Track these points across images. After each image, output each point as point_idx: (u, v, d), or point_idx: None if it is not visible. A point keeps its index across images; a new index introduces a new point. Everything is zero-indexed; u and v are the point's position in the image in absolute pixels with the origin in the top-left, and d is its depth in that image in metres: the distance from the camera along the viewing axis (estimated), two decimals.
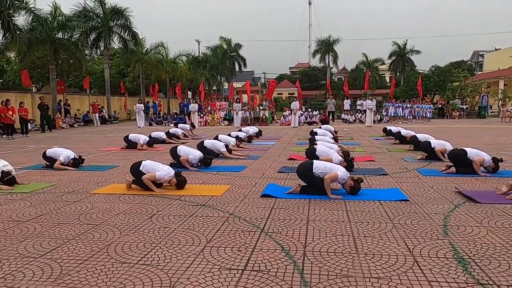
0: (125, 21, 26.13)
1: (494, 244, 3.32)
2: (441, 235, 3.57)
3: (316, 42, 52.10)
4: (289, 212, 4.40)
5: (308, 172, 5.28)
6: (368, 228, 3.80)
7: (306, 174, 5.33)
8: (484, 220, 3.98)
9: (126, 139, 11.20)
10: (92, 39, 26.43)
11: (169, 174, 5.63)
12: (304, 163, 5.66)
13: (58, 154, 7.78)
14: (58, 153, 7.84)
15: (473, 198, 4.83)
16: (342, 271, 2.83)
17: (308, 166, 5.37)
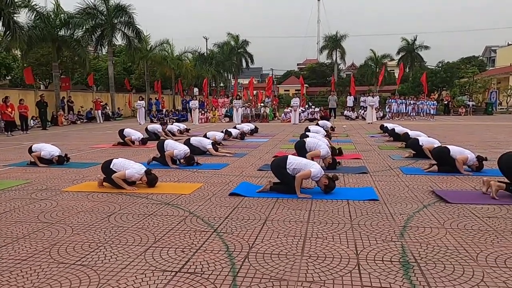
0: (128, 18, 26.19)
1: (447, 247, 3.19)
2: (397, 237, 3.45)
3: (324, 38, 51.77)
4: (251, 211, 4.31)
5: (281, 168, 5.17)
6: (324, 228, 3.70)
7: (279, 171, 5.22)
8: (447, 222, 3.85)
9: (121, 133, 11.23)
10: (96, 36, 26.60)
11: (139, 172, 5.58)
12: (279, 158, 5.56)
13: (41, 149, 7.80)
14: (40, 147, 7.85)
15: (444, 198, 4.69)
16: (277, 274, 2.75)
17: (282, 161, 5.24)
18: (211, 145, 8.75)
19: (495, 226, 3.69)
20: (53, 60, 22.48)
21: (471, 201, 4.59)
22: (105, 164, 5.76)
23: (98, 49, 27.80)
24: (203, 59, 43.57)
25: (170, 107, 33.48)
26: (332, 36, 50.75)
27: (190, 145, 8.85)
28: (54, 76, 22.60)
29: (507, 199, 4.62)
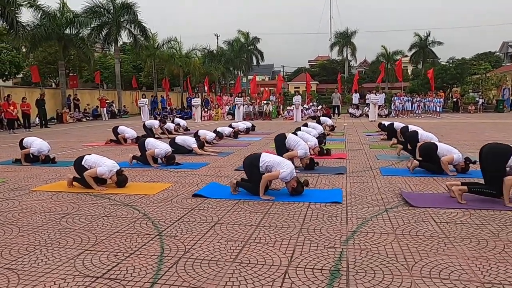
0: (134, 16, 26.35)
1: (387, 254, 3.06)
2: (340, 243, 3.33)
3: (334, 34, 51.25)
4: (205, 213, 4.24)
5: (253, 167, 5.02)
6: (271, 233, 3.60)
7: (251, 169, 5.08)
8: (400, 227, 3.70)
9: (114, 130, 11.28)
10: (104, 34, 26.86)
11: (111, 169, 5.54)
12: (253, 155, 5.39)
13: (31, 144, 7.82)
14: (30, 142, 7.87)
15: (408, 201, 4.53)
16: (198, 282, 2.66)
17: (255, 159, 5.07)
18: (195, 143, 8.71)
19: (448, 232, 3.53)
20: (60, 59, 22.76)
21: (437, 204, 4.42)
22: (77, 160, 5.75)
23: (106, 47, 28.03)
24: (212, 57, 43.62)
25: (178, 104, 33.67)
26: (343, 32, 50.19)
27: (175, 144, 8.84)
28: (60, 74, 22.89)
29: (476, 203, 4.45)
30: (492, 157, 4.53)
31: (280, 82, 24.34)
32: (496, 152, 4.54)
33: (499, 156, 4.47)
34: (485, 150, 4.64)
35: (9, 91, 20.18)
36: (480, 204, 4.43)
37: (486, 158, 4.58)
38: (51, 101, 22.74)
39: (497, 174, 4.38)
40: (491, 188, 4.44)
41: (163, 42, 32.47)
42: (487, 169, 4.57)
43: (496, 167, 4.43)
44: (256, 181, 4.95)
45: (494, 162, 4.47)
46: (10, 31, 16.97)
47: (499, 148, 4.62)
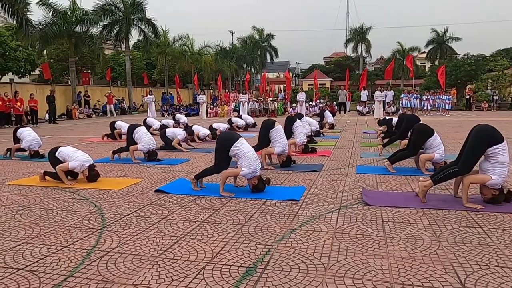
0: (143, 13, 26.64)
1: (314, 252, 3.02)
2: (273, 240, 3.31)
3: (349, 31, 50.61)
4: (156, 209, 4.27)
5: (225, 146, 4.85)
6: (210, 228, 3.60)
7: (222, 147, 4.91)
8: (342, 226, 3.65)
9: (112, 125, 11.37)
10: (115, 32, 27.26)
11: (83, 164, 5.62)
12: (231, 135, 5.22)
13: (24, 138, 7.98)
14: (24, 135, 8.05)
15: (364, 200, 4.46)
16: (111, 276, 2.70)
17: (231, 139, 4.88)
18: (181, 136, 8.78)
19: (389, 232, 3.46)
20: (70, 56, 23.24)
21: (394, 204, 4.33)
22: (52, 151, 5.82)
23: (117, 45, 28.41)
24: (224, 53, 43.72)
25: (190, 101, 33.89)
26: (358, 28, 49.53)
27: (165, 136, 8.95)
28: (71, 71, 23.37)
29: (437, 202, 4.35)
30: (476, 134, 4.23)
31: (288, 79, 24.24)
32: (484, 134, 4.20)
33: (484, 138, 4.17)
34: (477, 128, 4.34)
35: (20, 87, 20.77)
36: (441, 203, 4.32)
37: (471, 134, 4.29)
38: (62, 98, 23.27)
39: (473, 153, 4.16)
40: (454, 168, 4.23)
41: (175, 39, 32.74)
42: (466, 145, 4.28)
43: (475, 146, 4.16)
44: (219, 162, 4.92)
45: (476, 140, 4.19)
46: (20, 30, 17.37)
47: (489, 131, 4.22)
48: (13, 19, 17.38)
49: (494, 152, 4.12)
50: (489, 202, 4.24)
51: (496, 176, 4.11)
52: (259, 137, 6.86)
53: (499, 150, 4.11)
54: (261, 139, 6.78)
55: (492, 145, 4.12)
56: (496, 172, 4.12)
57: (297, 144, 8.08)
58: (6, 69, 25.60)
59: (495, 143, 4.12)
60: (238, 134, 5.19)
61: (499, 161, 4.11)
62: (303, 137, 8.15)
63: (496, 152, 4.11)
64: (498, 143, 4.12)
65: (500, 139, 4.15)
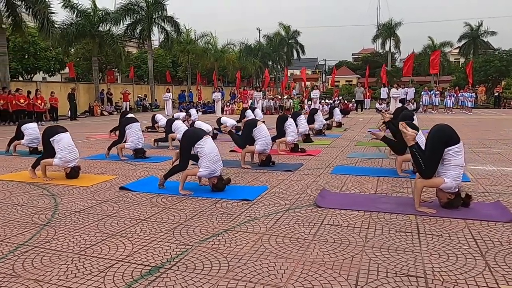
0: (164, 11, 27.11)
1: (228, 253, 3.01)
2: (198, 241, 3.32)
3: (376, 26, 49.36)
4: (108, 207, 4.37)
5: (190, 142, 4.89)
6: (147, 227, 3.66)
7: (186, 142, 4.96)
8: (275, 228, 3.61)
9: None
10: (138, 31, 27.92)
11: (65, 163, 5.81)
12: (196, 131, 5.25)
13: (25, 134, 8.32)
14: (28, 132, 8.35)
15: (315, 201, 4.38)
16: (15, 271, 2.81)
17: (197, 137, 4.89)
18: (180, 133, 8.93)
19: (317, 235, 3.40)
20: (93, 55, 24.03)
21: (346, 206, 4.22)
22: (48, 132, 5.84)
23: (141, 43, 29.07)
24: (249, 51, 43.79)
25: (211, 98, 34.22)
26: (386, 23, 48.21)
27: (169, 126, 9.15)
28: (94, 70, 24.18)
29: (391, 205, 4.21)
30: (433, 135, 4.05)
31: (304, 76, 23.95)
32: (441, 134, 4.02)
33: (441, 138, 3.98)
34: (434, 128, 4.17)
35: (45, 86, 21.73)
36: (395, 207, 4.18)
37: (428, 135, 4.13)
38: (86, 95, 24.13)
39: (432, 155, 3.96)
40: (423, 166, 4.01)
41: (198, 37, 33.13)
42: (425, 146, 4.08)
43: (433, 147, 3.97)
44: (184, 159, 4.98)
45: (433, 141, 4.00)
46: (42, 30, 18.13)
47: (446, 131, 4.05)
48: (36, 20, 18.14)
49: (448, 153, 3.94)
50: (445, 206, 4.07)
51: (449, 179, 3.93)
52: (242, 135, 6.88)
53: (453, 152, 3.92)
54: (244, 137, 6.79)
55: (448, 146, 3.94)
56: (449, 175, 3.94)
57: (287, 143, 8.04)
58: (36, 68, 26.88)
59: (450, 144, 3.94)
60: (204, 132, 5.22)
61: (452, 163, 3.93)
62: (294, 136, 8.08)
63: (450, 154, 3.93)
64: (453, 145, 3.93)
65: (455, 141, 3.96)
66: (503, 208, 3.98)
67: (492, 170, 6.03)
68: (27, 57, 25.72)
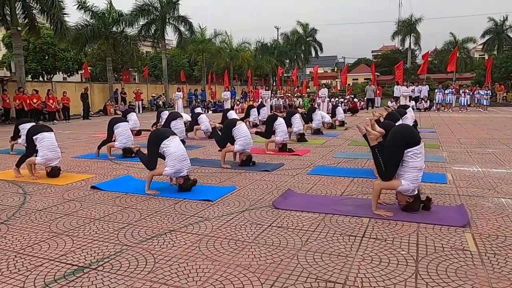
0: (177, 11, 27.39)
1: (159, 254, 3.01)
2: (138, 241, 3.33)
3: (396, 23, 48.34)
4: (71, 205, 4.44)
5: (156, 142, 4.92)
6: (97, 227, 3.70)
7: (152, 142, 4.99)
8: (217, 230, 3.58)
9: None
10: (153, 31, 28.30)
11: (47, 162, 5.96)
12: (161, 130, 5.34)
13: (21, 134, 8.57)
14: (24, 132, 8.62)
15: (273, 203, 4.32)
16: None
17: (162, 136, 4.94)
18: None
19: (257, 237, 3.35)
20: (107, 55, 24.53)
21: (305, 208, 4.14)
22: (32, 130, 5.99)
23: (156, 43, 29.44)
24: (265, 49, 43.69)
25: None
26: (406, 20, 47.20)
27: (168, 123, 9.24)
28: (108, 70, 24.67)
29: (350, 208, 4.12)
30: (392, 136, 3.92)
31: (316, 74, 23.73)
32: (400, 135, 3.87)
33: (401, 139, 3.83)
34: (393, 129, 4.09)
35: (60, 86, 22.32)
36: (353, 209, 4.08)
37: (388, 136, 4.03)
38: (100, 95, 24.66)
39: (391, 157, 3.85)
40: (382, 168, 3.90)
41: (211, 36, 33.31)
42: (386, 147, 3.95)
43: (392, 149, 3.84)
44: (150, 158, 5.01)
45: (392, 143, 3.88)
46: (56, 32, 18.64)
47: (406, 132, 3.91)
48: (51, 23, 18.66)
49: (407, 155, 3.82)
50: (404, 209, 3.95)
51: (406, 182, 3.81)
52: (222, 135, 6.88)
53: (412, 153, 3.79)
54: (224, 137, 6.79)
55: (407, 147, 3.81)
56: (407, 177, 3.81)
57: (276, 142, 7.99)
58: (56, 68, 27.68)
59: (410, 145, 3.81)
60: (171, 131, 5.25)
61: (410, 165, 3.81)
62: (284, 136, 8.01)
63: (408, 155, 3.80)
64: (413, 146, 3.80)
65: (415, 142, 3.83)
66: (463, 213, 3.82)
67: (476, 172, 5.81)
68: (46, 58, 26.55)
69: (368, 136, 4.16)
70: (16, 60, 18.62)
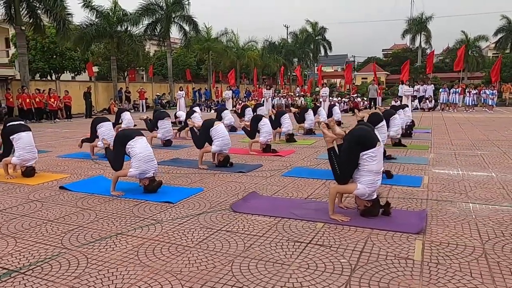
0: (184, 11, 27.39)
1: (96, 257, 2.96)
2: (80, 244, 3.29)
3: (406, 21, 47.58)
4: (31, 205, 4.43)
5: (121, 143, 4.90)
6: (50, 227, 3.67)
7: (118, 142, 4.98)
8: (165, 234, 3.52)
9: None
10: (158, 30, 28.38)
11: (23, 162, 5.98)
12: (127, 131, 5.36)
13: None
14: None
15: (232, 206, 4.24)
16: None
17: (128, 136, 4.92)
18: (159, 134, 9.00)
19: (198, 240, 3.28)
20: (112, 54, 24.69)
21: (262, 212, 4.05)
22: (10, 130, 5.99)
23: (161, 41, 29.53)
24: (272, 48, 43.47)
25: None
26: (416, 18, 46.45)
27: None
28: (112, 69, 24.81)
29: (308, 211, 4.01)
30: (348, 138, 3.86)
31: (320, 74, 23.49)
32: (356, 138, 3.79)
33: (356, 142, 3.75)
34: (350, 131, 4.03)
35: (65, 84, 22.56)
36: (310, 213, 3.97)
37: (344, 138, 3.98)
38: (105, 94, 24.85)
39: (346, 160, 3.77)
40: (337, 171, 3.82)
41: (218, 35, 33.26)
42: (342, 150, 3.89)
43: (347, 151, 3.78)
44: (115, 159, 5.00)
45: (347, 145, 3.82)
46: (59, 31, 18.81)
47: (362, 134, 3.84)
48: (54, 22, 18.84)
49: (362, 158, 3.70)
50: (363, 214, 3.83)
51: (362, 185, 3.69)
52: (200, 135, 6.80)
53: (367, 156, 3.67)
54: (202, 137, 6.70)
55: (363, 150, 3.69)
56: (362, 181, 3.70)
57: (260, 143, 7.91)
58: (63, 67, 27.98)
59: (366, 148, 3.69)
60: (138, 132, 5.19)
61: (366, 168, 3.68)
62: (267, 137, 7.92)
63: (364, 158, 3.68)
64: (368, 149, 3.68)
65: (370, 145, 3.70)
66: (421, 219, 3.68)
67: (455, 175, 5.63)
68: (54, 57, 26.84)
69: (324, 139, 4.06)
70: (20, 59, 18.83)
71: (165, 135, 8.99)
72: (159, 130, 9.06)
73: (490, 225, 3.57)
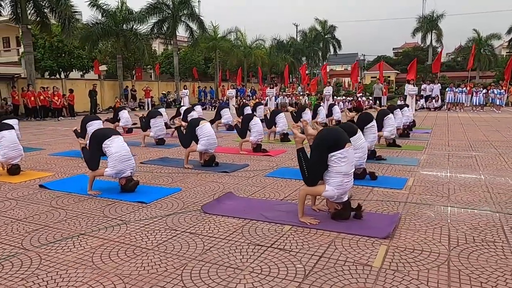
0: (191, 10, 27.41)
1: (56, 259, 2.92)
2: (41, 244, 3.26)
3: (417, 19, 46.91)
4: (5, 204, 4.43)
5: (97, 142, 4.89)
6: (19, 226, 3.65)
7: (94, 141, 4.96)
8: (127, 235, 3.46)
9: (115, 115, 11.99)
10: (165, 29, 28.47)
11: (8, 160, 5.99)
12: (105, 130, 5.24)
13: None
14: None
15: (202, 207, 4.17)
16: None
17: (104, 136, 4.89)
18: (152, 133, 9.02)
19: (161, 246, 3.22)
20: (117, 53, 24.85)
21: (233, 213, 3.98)
22: None
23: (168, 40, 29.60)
24: (280, 47, 43.26)
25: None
26: (427, 16, 45.78)
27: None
28: (118, 67, 24.97)
29: (278, 213, 3.92)
30: (316, 139, 3.79)
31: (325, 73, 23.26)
32: (324, 138, 3.71)
33: (324, 142, 3.66)
34: (319, 132, 4.00)
35: (71, 83, 22.76)
36: (279, 215, 3.89)
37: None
38: (111, 92, 25.02)
39: (313, 161, 3.68)
40: (306, 172, 3.74)
41: (224, 33, 33.22)
42: (311, 150, 3.83)
43: (314, 152, 3.70)
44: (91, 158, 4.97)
45: (315, 146, 3.75)
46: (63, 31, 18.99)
47: (331, 135, 3.74)
48: (59, 20, 19.03)
49: (330, 159, 3.59)
50: (333, 217, 3.73)
51: (331, 187, 3.59)
52: (186, 135, 6.74)
53: (336, 158, 3.57)
54: (187, 137, 6.65)
55: (330, 151, 3.59)
56: (331, 183, 3.59)
57: (251, 142, 7.84)
58: (72, 66, 28.27)
59: (334, 149, 3.59)
60: (114, 131, 5.17)
61: (334, 170, 3.58)
62: (258, 136, 7.84)
63: (332, 160, 3.58)
64: (336, 150, 3.58)
65: (339, 146, 3.59)
66: (391, 223, 3.56)
67: (443, 177, 5.48)
68: (63, 55, 27.13)
69: (294, 139, 3.96)
70: (26, 58, 19.07)
71: (158, 134, 8.97)
72: (151, 129, 9.04)
73: (463, 230, 3.44)
